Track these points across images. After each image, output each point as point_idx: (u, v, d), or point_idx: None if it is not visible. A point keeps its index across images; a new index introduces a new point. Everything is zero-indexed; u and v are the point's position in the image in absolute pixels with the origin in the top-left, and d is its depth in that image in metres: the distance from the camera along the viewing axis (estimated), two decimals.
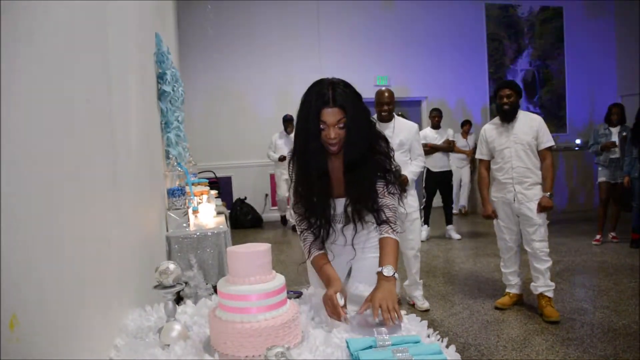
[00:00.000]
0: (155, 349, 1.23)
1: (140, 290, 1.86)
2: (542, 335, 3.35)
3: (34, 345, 0.82)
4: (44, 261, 0.91)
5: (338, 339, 1.29)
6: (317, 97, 1.69)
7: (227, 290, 1.25)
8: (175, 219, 3.31)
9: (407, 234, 3.85)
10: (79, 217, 1.14)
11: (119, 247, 1.60)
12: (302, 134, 1.76)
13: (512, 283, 3.95)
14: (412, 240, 3.89)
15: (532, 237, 3.68)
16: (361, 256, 1.92)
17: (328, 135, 1.70)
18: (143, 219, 2.24)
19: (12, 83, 0.79)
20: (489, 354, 3.11)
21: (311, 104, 1.70)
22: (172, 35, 6.05)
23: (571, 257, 5.37)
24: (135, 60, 2.37)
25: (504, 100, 3.72)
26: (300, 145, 1.78)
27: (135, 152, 2.14)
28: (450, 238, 6.66)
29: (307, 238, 1.83)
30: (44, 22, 0.99)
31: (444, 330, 3.52)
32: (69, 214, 1.07)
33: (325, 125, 1.70)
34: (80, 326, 1.09)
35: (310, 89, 1.74)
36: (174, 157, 3.55)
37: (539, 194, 3.66)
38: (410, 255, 3.91)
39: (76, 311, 1.08)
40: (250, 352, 1.20)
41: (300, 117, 1.76)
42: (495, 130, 3.82)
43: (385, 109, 3.78)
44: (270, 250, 1.32)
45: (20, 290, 0.79)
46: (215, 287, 1.75)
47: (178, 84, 3.98)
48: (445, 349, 1.24)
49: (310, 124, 1.70)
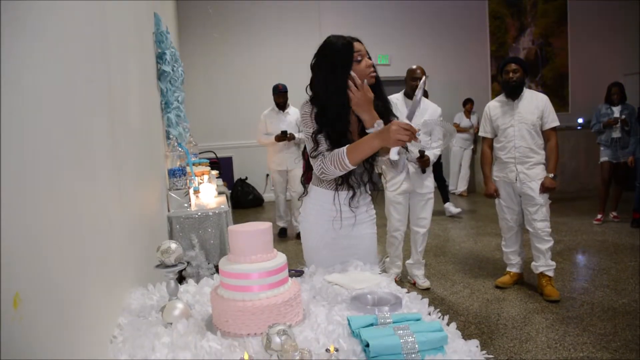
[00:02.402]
0: (157, 328, 1.24)
1: (143, 269, 1.87)
2: (542, 314, 3.38)
3: (37, 324, 0.82)
4: (46, 241, 0.91)
5: (339, 316, 1.30)
6: (341, 39, 1.85)
7: (228, 269, 1.26)
8: (177, 199, 3.31)
9: (420, 212, 3.90)
10: (79, 197, 1.14)
11: (121, 227, 1.61)
12: (335, 79, 1.84)
13: (512, 262, 3.97)
14: (425, 219, 3.94)
15: (533, 217, 3.68)
16: (360, 227, 2.00)
17: (367, 63, 1.85)
18: (144, 200, 2.24)
19: (8, 63, 0.78)
20: (489, 332, 3.14)
21: (339, 45, 1.83)
22: (171, 15, 5.99)
23: (572, 237, 5.39)
24: (134, 40, 2.34)
25: (510, 75, 3.67)
26: (334, 90, 1.84)
27: (136, 133, 2.13)
28: (452, 215, 6.68)
29: (326, 155, 1.81)
30: (41, 1, 0.97)
31: (445, 308, 3.55)
32: (69, 193, 1.07)
33: (360, 54, 1.85)
34: (83, 305, 1.10)
35: (331, 43, 1.85)
36: (174, 137, 3.55)
37: (541, 173, 3.65)
38: (420, 233, 3.95)
39: (79, 290, 1.08)
40: (252, 330, 1.21)
41: (326, 67, 1.84)
42: (500, 108, 3.79)
43: (416, 84, 3.78)
44: (271, 229, 1.33)
45: (23, 270, 0.79)
46: (217, 266, 1.76)
47: (178, 63, 3.95)
48: (446, 326, 1.24)
49: (342, 67, 1.82)
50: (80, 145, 1.18)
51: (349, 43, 1.84)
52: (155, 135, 2.99)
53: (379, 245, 2.21)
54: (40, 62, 0.94)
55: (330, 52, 1.85)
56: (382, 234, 4.11)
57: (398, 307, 1.37)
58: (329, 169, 1.79)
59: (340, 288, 1.56)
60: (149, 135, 2.64)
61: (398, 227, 3.91)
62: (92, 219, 1.25)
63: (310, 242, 2.01)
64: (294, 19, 8.57)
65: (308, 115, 1.88)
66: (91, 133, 1.31)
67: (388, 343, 1.10)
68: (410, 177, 3.78)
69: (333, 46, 1.85)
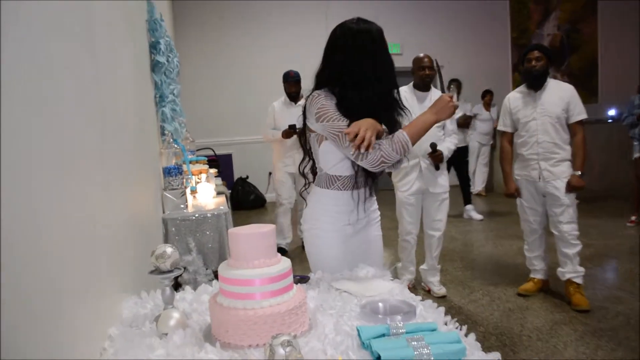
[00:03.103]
0: (152, 339, 1.24)
1: (136, 276, 1.87)
2: (570, 325, 3.36)
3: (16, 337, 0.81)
4: (25, 247, 0.89)
5: (348, 326, 1.30)
6: (373, 24, 1.90)
7: (228, 275, 1.26)
8: (172, 199, 3.32)
9: (434, 214, 3.89)
10: (62, 198, 1.14)
11: (111, 230, 1.61)
12: (383, 64, 1.88)
13: (536, 268, 3.95)
14: (440, 222, 3.92)
15: (559, 218, 3.65)
16: (370, 229, 2.05)
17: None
18: (136, 200, 2.25)
19: None
20: (511, 344, 3.13)
21: (377, 30, 1.87)
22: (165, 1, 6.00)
23: (603, 240, 5.35)
24: (125, 29, 2.35)
25: (533, 63, 3.64)
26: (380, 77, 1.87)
27: (127, 128, 2.14)
28: (471, 219, 6.66)
29: (382, 142, 1.83)
30: None
31: (463, 317, 3.54)
32: (50, 194, 1.06)
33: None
34: (69, 316, 1.10)
35: (367, 26, 1.88)
36: (169, 133, 3.55)
37: (567, 170, 3.62)
38: (436, 236, 3.94)
39: (65, 299, 1.08)
40: (254, 340, 1.21)
41: (375, 52, 1.86)
42: (521, 99, 3.77)
43: (428, 73, 3.83)
44: (275, 231, 1.33)
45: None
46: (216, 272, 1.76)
47: (173, 53, 3.96)
48: (464, 337, 1.24)
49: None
50: (63, 141, 1.18)
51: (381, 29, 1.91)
52: (149, 131, 3.00)
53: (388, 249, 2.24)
54: (14, 47, 0.92)
55: (370, 36, 1.87)
56: (392, 237, 4.11)
57: (412, 316, 1.37)
58: (391, 155, 1.80)
59: (349, 296, 1.56)
60: (142, 131, 2.65)
61: (410, 230, 3.89)
62: (78, 221, 1.25)
63: (322, 250, 1.99)
64: (300, 6, 8.57)
65: (328, 107, 1.84)
66: (75, 129, 1.31)
67: (401, 355, 1.09)
68: (423, 175, 3.76)
69: (372, 29, 1.88)
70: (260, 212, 7.97)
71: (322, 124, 1.84)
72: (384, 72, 1.87)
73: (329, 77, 1.90)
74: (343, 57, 1.86)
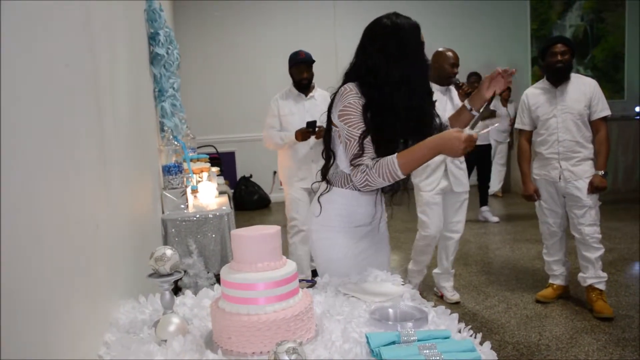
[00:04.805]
0: (150, 346, 1.25)
1: (133, 279, 1.88)
2: (592, 334, 3.34)
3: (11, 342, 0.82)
4: (21, 249, 0.90)
5: (357, 333, 1.30)
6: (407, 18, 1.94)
7: (231, 279, 1.26)
8: (172, 199, 3.33)
9: (454, 215, 3.87)
10: (60, 198, 1.15)
11: (108, 231, 1.62)
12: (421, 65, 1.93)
13: (556, 273, 3.93)
14: (459, 223, 3.91)
15: (580, 220, 3.63)
16: (378, 228, 2.09)
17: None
18: (135, 200, 2.26)
19: None
20: (529, 354, 3.12)
21: (413, 27, 1.92)
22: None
23: (627, 244, 5.31)
24: (122, 19, 2.36)
25: (558, 57, 3.60)
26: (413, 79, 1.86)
27: (125, 124, 2.15)
28: (486, 221, 6.63)
29: (371, 166, 1.79)
30: None
31: (477, 325, 3.53)
32: (48, 194, 1.07)
33: None
34: (64, 321, 1.10)
35: (405, 21, 1.92)
36: (169, 129, 3.57)
37: (589, 170, 3.60)
38: (454, 239, 3.92)
39: (60, 303, 1.08)
40: (257, 347, 1.21)
41: (412, 51, 1.89)
42: (541, 95, 3.74)
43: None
44: (280, 233, 1.33)
45: None
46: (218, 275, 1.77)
47: (173, 45, 3.97)
48: (479, 346, 1.24)
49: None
50: (60, 139, 1.19)
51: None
52: (148, 127, 3.01)
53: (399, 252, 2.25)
54: (8, 41, 0.92)
55: (407, 34, 1.89)
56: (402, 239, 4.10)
57: (424, 322, 1.37)
58: (376, 181, 1.77)
59: (358, 301, 1.56)
60: (141, 127, 2.66)
61: (436, 232, 3.81)
62: (74, 223, 1.25)
63: (331, 251, 1.99)
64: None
65: (354, 109, 1.82)
66: (73, 125, 1.32)
67: None
68: (448, 173, 3.74)
69: (411, 26, 1.92)
70: (264, 212, 7.98)
71: (341, 123, 1.85)
72: (415, 75, 1.87)
73: (357, 74, 1.91)
74: (371, 57, 1.87)
